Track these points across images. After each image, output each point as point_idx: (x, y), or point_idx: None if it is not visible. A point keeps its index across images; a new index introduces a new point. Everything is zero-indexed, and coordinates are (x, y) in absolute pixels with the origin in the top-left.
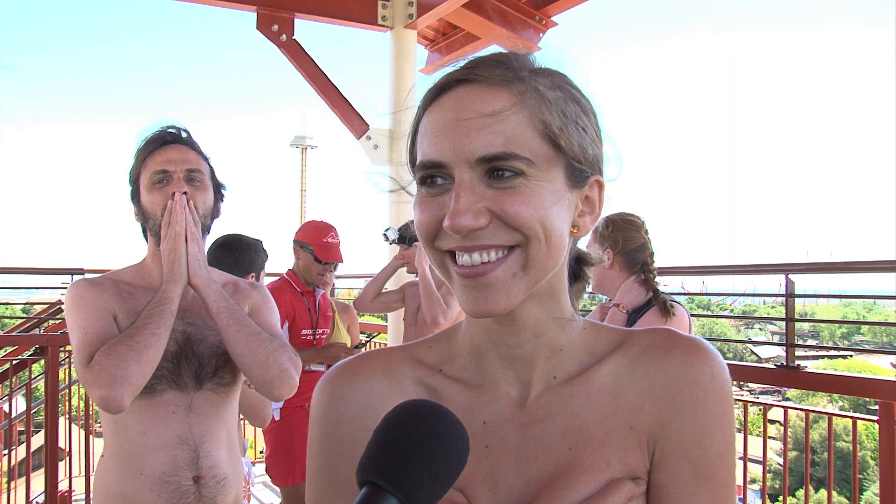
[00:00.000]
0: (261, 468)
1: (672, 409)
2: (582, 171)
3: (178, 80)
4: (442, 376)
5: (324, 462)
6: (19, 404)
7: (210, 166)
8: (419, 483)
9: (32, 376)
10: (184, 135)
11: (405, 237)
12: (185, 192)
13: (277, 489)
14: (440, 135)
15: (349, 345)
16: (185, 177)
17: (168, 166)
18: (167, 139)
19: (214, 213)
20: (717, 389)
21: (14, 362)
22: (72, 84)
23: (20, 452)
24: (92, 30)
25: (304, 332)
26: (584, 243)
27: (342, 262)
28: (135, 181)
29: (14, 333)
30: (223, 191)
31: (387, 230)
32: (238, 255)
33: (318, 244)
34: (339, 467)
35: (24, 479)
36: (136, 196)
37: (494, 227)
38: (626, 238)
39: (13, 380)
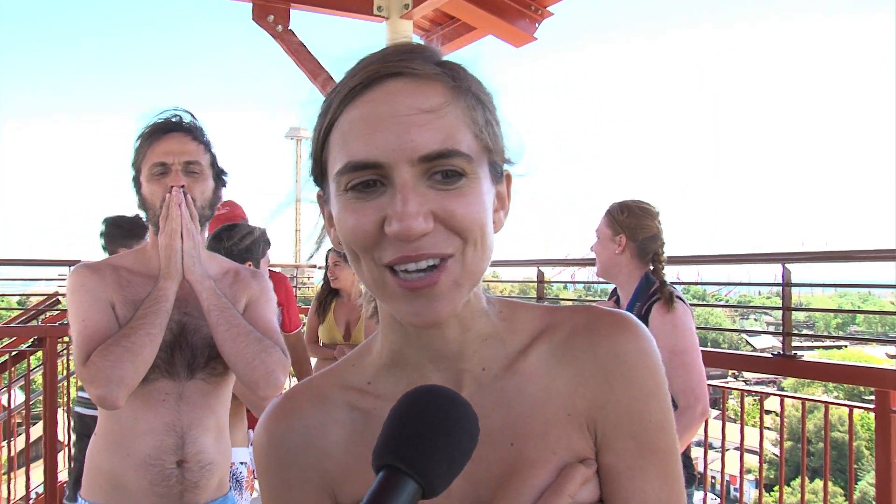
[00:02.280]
0: None
1: (606, 391)
2: (499, 166)
3: (172, 70)
4: (371, 396)
5: None
6: (17, 396)
7: (211, 153)
8: (437, 467)
9: (31, 368)
10: (186, 122)
11: None
12: (182, 186)
13: None
14: (374, 132)
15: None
16: (182, 169)
17: (166, 158)
18: (168, 127)
19: (214, 201)
20: (648, 363)
21: (12, 353)
22: (67, 77)
23: (19, 443)
24: (84, 24)
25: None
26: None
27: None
28: (136, 170)
29: (12, 325)
30: (224, 177)
31: None
32: (231, 244)
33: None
34: None
35: (23, 470)
36: (137, 184)
37: (437, 231)
38: (640, 226)
39: (11, 371)
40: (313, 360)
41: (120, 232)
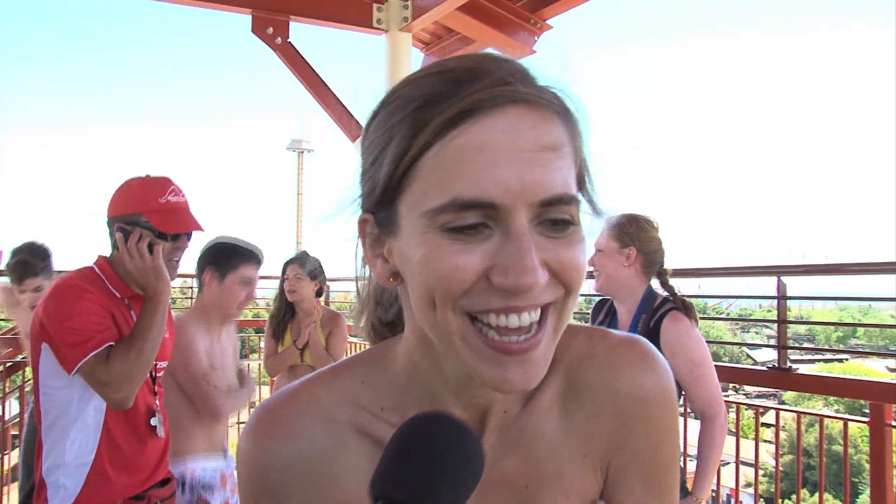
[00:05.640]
0: None
1: (624, 432)
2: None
3: (171, 83)
4: (385, 424)
5: None
6: (13, 407)
7: None
8: (443, 502)
9: (25, 379)
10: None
11: None
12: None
13: None
14: (490, 167)
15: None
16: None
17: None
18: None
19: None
20: (666, 402)
21: (7, 365)
22: (61, 91)
23: (14, 457)
24: (82, 36)
25: None
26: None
27: (200, 228)
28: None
29: (7, 335)
30: None
31: None
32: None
33: (152, 209)
34: None
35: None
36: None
37: (546, 283)
38: (647, 238)
39: (6, 382)
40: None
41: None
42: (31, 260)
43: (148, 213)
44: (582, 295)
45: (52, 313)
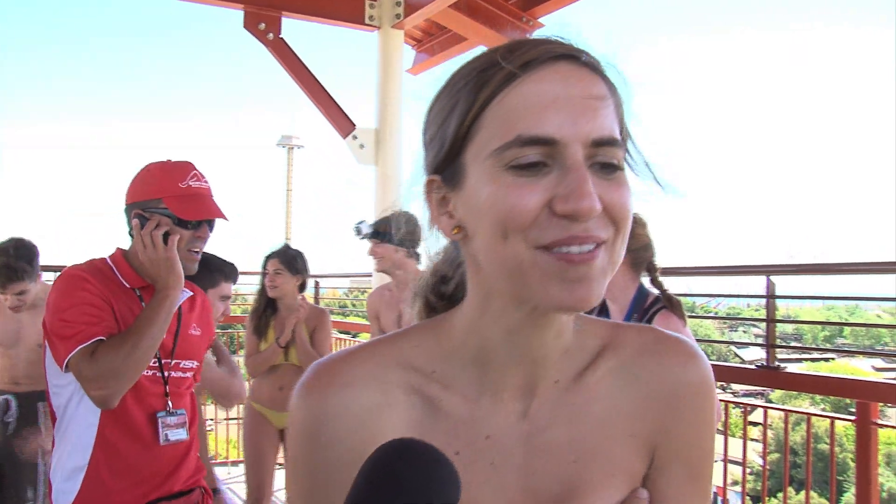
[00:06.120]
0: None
1: (672, 416)
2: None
3: (162, 79)
4: (437, 384)
5: (312, 487)
6: None
7: None
8: None
9: None
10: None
11: (378, 232)
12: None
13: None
14: (548, 110)
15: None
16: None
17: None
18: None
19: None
20: (709, 392)
21: None
22: (49, 84)
23: None
24: (73, 29)
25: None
26: None
27: (223, 216)
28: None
29: None
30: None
31: (359, 223)
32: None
33: (172, 194)
34: (329, 493)
35: None
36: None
37: (598, 217)
38: (634, 234)
39: None
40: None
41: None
42: (15, 265)
43: (167, 199)
44: None
45: (50, 305)
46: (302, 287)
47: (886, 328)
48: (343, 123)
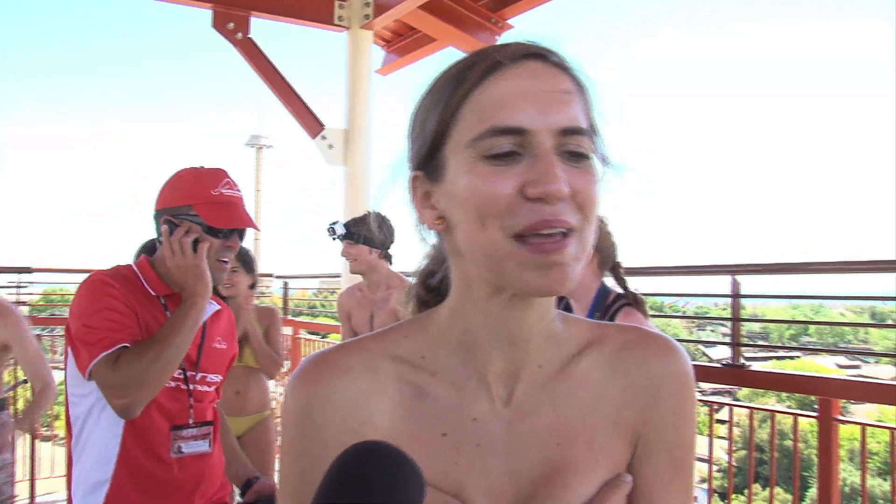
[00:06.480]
0: None
1: (654, 406)
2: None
3: (130, 78)
4: (425, 371)
5: (304, 468)
6: None
7: None
8: None
9: None
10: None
11: (353, 233)
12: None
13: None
14: (518, 103)
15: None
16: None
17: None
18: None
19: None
20: (690, 385)
21: None
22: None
23: None
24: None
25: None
26: None
27: (254, 226)
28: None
29: None
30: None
31: (333, 224)
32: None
33: (203, 201)
34: (321, 474)
35: None
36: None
37: (567, 202)
38: (602, 234)
39: None
40: None
41: None
42: None
43: (198, 206)
44: None
45: (74, 311)
46: (253, 286)
47: (850, 326)
48: (312, 124)
